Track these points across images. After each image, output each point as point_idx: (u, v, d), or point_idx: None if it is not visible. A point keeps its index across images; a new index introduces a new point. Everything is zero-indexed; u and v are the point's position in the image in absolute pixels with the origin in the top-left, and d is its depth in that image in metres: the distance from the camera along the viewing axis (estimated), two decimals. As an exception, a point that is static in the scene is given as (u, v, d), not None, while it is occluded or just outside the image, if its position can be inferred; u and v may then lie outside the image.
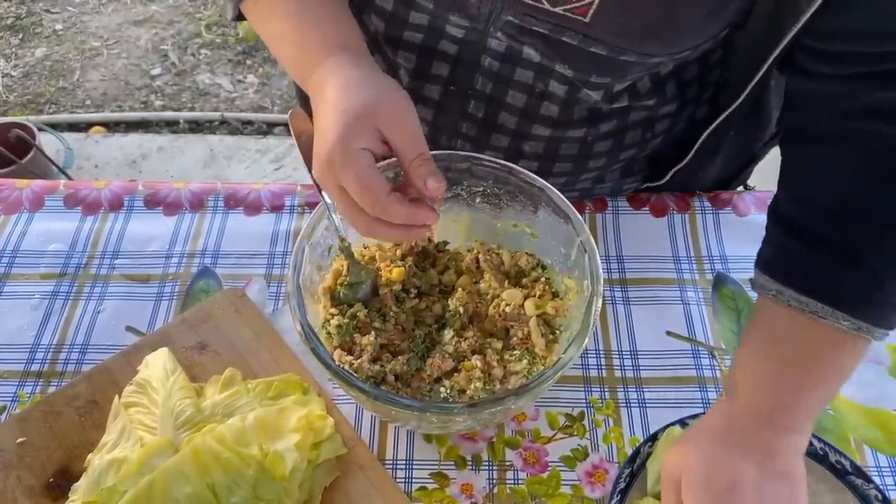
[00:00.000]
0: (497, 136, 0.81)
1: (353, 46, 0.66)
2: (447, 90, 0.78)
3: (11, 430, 0.72)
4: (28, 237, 0.90)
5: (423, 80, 0.78)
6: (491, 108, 0.78)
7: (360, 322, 0.71)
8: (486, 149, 0.82)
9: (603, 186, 0.91)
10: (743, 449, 0.59)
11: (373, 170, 0.59)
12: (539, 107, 0.77)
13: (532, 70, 0.74)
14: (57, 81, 2.67)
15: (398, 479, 0.71)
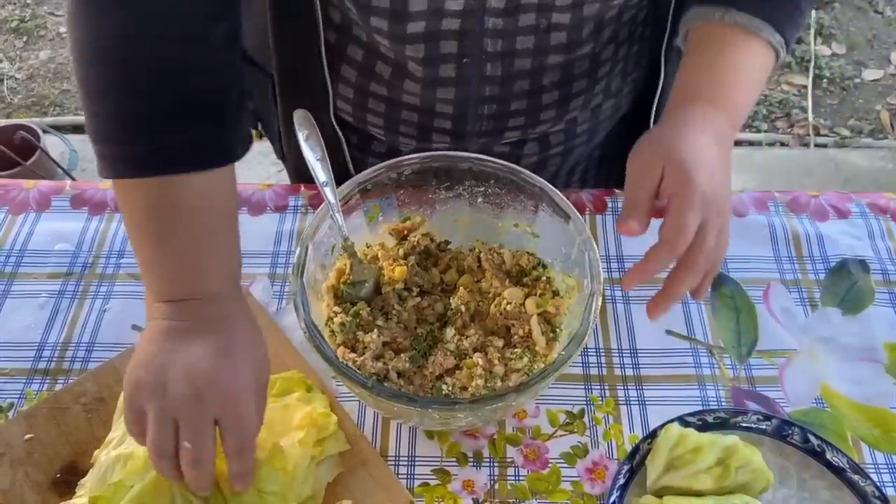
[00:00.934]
0: (519, 83, 0.82)
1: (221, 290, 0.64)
2: (460, 64, 0.79)
3: (19, 426, 0.73)
4: (35, 237, 0.91)
5: (436, 65, 0.79)
6: (506, 62, 0.79)
7: (363, 320, 0.72)
8: (511, 100, 0.83)
9: (608, 106, 0.93)
10: (713, 135, 0.67)
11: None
12: (548, 39, 0.78)
13: (533, 11, 0.74)
14: (61, 84, 2.68)
15: (400, 475, 0.72)
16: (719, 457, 0.68)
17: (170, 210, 0.62)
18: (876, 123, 2.57)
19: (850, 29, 2.87)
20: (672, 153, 0.63)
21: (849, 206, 0.95)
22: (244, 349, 0.62)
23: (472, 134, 0.87)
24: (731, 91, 0.70)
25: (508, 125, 0.86)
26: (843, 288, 0.87)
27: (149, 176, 0.61)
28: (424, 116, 0.86)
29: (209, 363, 0.59)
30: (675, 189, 0.62)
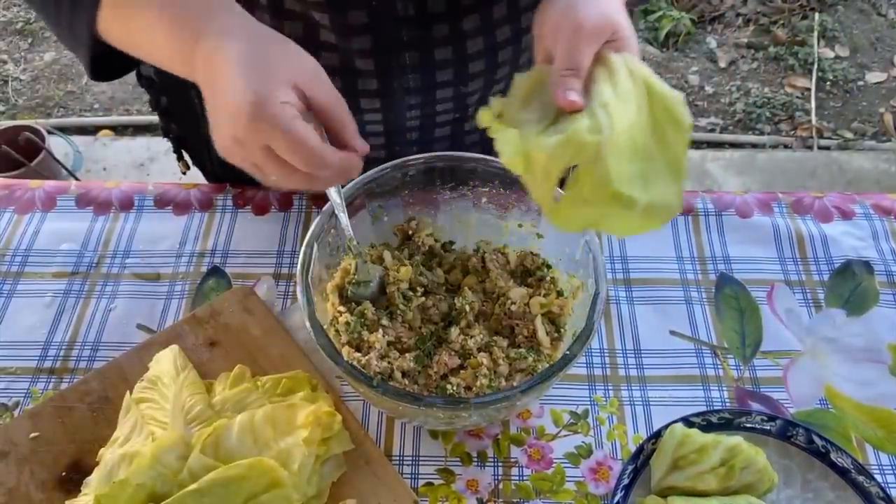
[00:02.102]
0: (438, 27, 0.79)
1: (230, 7, 0.61)
2: (371, 8, 0.75)
3: (24, 425, 0.73)
4: (41, 236, 0.92)
5: (342, 9, 0.75)
6: (418, 0, 0.76)
7: (369, 320, 0.72)
8: (434, 48, 0.80)
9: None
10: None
11: (302, 123, 0.55)
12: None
13: None
14: (65, 85, 2.69)
15: (405, 474, 0.72)
16: (723, 457, 0.68)
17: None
18: (879, 126, 2.57)
19: (854, 31, 2.87)
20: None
21: (853, 208, 0.95)
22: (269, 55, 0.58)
23: (401, 91, 0.83)
24: None
25: (437, 80, 0.82)
26: (848, 289, 0.87)
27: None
28: (347, 77, 0.81)
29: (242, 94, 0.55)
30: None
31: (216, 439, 0.66)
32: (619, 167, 0.54)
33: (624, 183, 0.54)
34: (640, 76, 0.58)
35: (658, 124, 0.57)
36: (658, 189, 0.55)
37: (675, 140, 0.56)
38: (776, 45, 2.80)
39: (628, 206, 0.54)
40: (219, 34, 0.58)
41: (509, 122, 0.59)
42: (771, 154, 2.48)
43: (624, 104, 0.56)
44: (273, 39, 0.59)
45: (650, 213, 0.55)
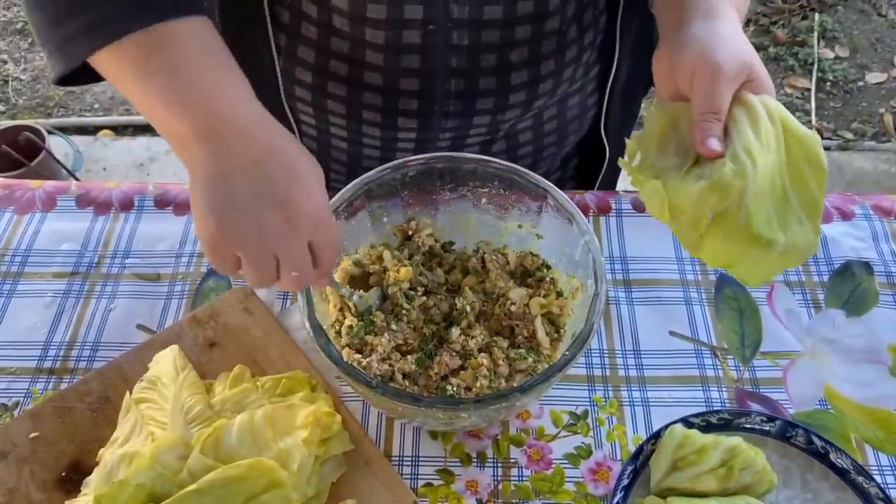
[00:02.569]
0: (487, 58, 0.80)
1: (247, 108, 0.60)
2: (425, 31, 0.76)
3: (24, 425, 0.73)
4: (41, 236, 0.92)
5: (398, 29, 0.77)
6: (473, 31, 0.78)
7: (377, 327, 0.72)
8: (479, 76, 0.82)
9: (574, 103, 0.92)
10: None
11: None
12: (515, 9, 0.77)
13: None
14: (66, 85, 2.69)
15: (404, 475, 0.72)
16: (723, 458, 0.68)
17: (166, 53, 0.57)
18: (879, 126, 2.57)
19: (854, 32, 2.87)
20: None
21: (852, 208, 0.95)
22: (303, 164, 0.60)
23: (439, 115, 0.85)
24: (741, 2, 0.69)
25: (477, 107, 0.85)
26: (847, 290, 0.87)
27: (133, 29, 0.57)
28: (389, 96, 0.83)
29: (284, 190, 0.58)
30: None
31: (216, 440, 0.66)
32: (759, 209, 0.56)
33: (763, 225, 0.56)
34: (778, 116, 0.59)
35: (795, 164, 0.58)
36: (795, 229, 0.57)
37: (812, 180, 0.58)
38: (776, 46, 2.80)
39: (768, 247, 0.56)
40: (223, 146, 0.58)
41: (649, 167, 0.61)
42: (771, 154, 2.48)
43: (765, 147, 0.58)
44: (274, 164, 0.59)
45: (788, 253, 0.57)
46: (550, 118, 0.92)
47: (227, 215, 0.58)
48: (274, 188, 0.58)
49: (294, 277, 0.60)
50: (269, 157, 0.58)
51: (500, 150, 0.92)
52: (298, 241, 0.59)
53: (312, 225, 0.59)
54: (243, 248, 0.58)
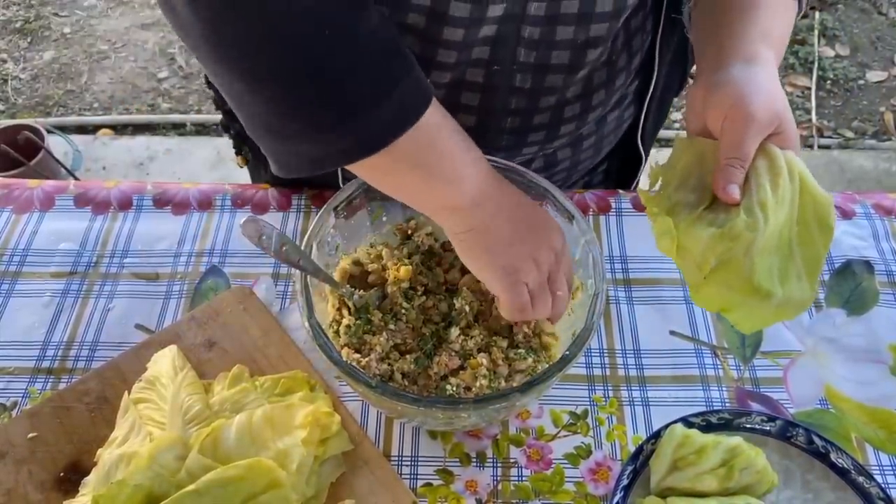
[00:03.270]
0: (546, 99, 0.81)
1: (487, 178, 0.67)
2: (490, 71, 0.76)
3: (23, 425, 0.73)
4: (39, 236, 0.91)
5: (463, 69, 0.76)
6: (537, 73, 0.77)
7: (375, 326, 0.72)
8: (535, 114, 0.82)
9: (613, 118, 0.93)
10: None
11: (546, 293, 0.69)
12: (584, 56, 0.76)
13: (572, 24, 0.72)
14: (65, 84, 2.69)
15: (403, 475, 0.72)
16: (723, 458, 0.67)
17: (428, 143, 0.63)
18: (880, 125, 2.57)
19: (854, 30, 2.87)
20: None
21: (853, 207, 0.95)
22: (537, 207, 0.70)
23: (491, 149, 0.83)
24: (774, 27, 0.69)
25: (528, 140, 0.85)
26: (848, 289, 0.87)
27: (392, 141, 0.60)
28: None
29: (542, 227, 0.68)
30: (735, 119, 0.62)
31: (214, 440, 0.66)
32: (763, 261, 0.58)
33: (764, 277, 0.58)
34: (797, 173, 0.60)
35: (805, 221, 0.60)
36: (793, 284, 0.59)
37: (819, 240, 0.60)
38: (776, 44, 2.79)
39: (765, 298, 0.58)
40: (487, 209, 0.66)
41: (666, 199, 0.63)
42: (771, 153, 2.47)
43: (780, 202, 0.59)
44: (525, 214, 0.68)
45: (784, 307, 0.59)
46: (589, 135, 0.91)
47: (507, 257, 0.66)
48: (534, 234, 0.68)
49: (560, 297, 0.69)
50: (513, 209, 0.68)
51: (538, 167, 0.91)
52: (558, 271, 0.69)
53: (562, 259, 0.69)
54: (527, 278, 0.66)
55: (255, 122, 0.63)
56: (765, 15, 0.68)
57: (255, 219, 0.70)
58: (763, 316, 0.60)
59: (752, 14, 0.68)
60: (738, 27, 0.67)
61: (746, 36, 0.66)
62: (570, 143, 0.90)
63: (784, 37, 0.71)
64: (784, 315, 0.60)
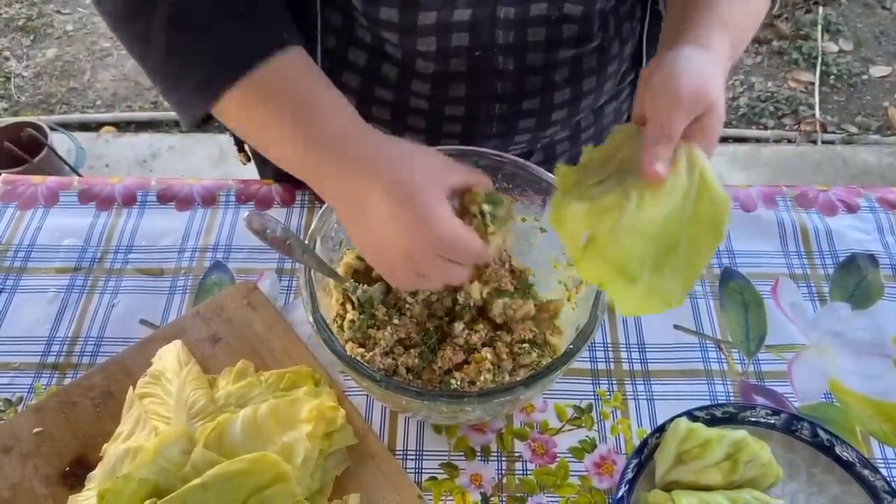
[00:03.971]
0: (532, 80, 0.81)
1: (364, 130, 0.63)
2: (472, 58, 0.77)
3: (28, 420, 0.73)
4: (43, 232, 0.91)
5: (447, 59, 0.77)
6: (518, 55, 0.78)
7: (379, 321, 0.72)
8: (523, 99, 0.82)
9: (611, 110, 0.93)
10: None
11: (464, 228, 0.60)
12: (560, 31, 0.77)
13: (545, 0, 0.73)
14: (68, 82, 2.69)
15: (408, 469, 0.72)
16: (728, 451, 0.67)
17: (284, 92, 0.61)
18: (883, 120, 2.56)
19: (858, 25, 2.86)
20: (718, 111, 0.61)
21: (858, 201, 0.94)
22: (412, 172, 0.60)
23: (482, 137, 0.86)
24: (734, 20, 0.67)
25: (519, 127, 0.85)
26: (853, 283, 0.86)
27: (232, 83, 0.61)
28: (433, 120, 0.84)
29: (400, 219, 0.58)
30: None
31: (219, 434, 0.66)
32: (634, 245, 0.57)
33: (632, 260, 0.58)
34: (699, 170, 0.59)
35: (698, 220, 0.59)
36: (666, 278, 0.58)
37: (707, 241, 0.59)
38: (780, 40, 2.79)
39: (630, 280, 0.58)
40: (357, 154, 0.60)
41: (574, 174, 0.63)
42: (775, 149, 2.47)
43: (666, 194, 0.58)
44: (410, 152, 0.61)
45: (650, 295, 0.58)
46: (587, 127, 0.92)
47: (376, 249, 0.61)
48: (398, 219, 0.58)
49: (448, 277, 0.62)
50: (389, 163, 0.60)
51: (538, 160, 0.92)
52: (440, 265, 0.60)
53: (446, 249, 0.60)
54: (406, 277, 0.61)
55: (154, 83, 0.66)
56: (727, 3, 0.67)
57: (259, 213, 0.70)
58: (632, 300, 0.59)
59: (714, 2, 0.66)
60: (695, 12, 0.66)
61: (702, 21, 0.65)
62: (570, 135, 0.90)
63: (746, 27, 0.70)
64: (650, 306, 0.58)
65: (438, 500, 0.71)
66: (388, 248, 0.60)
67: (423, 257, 0.59)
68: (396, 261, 0.60)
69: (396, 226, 0.58)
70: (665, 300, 0.58)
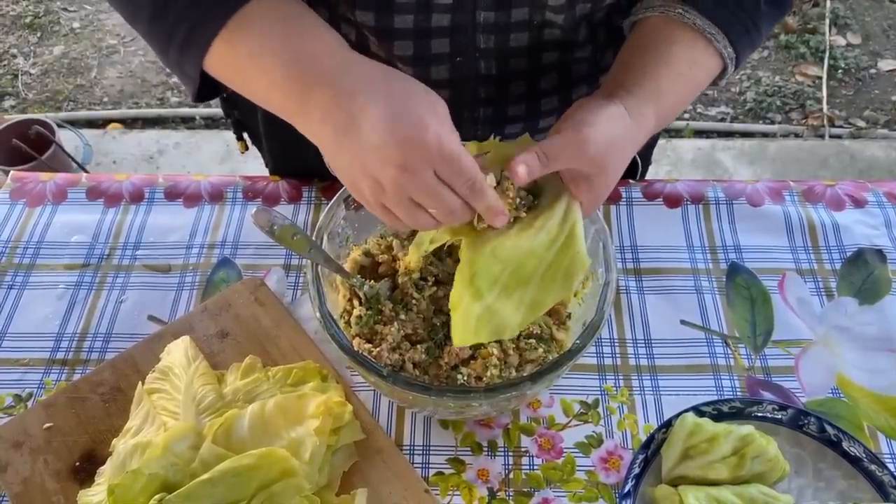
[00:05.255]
0: (517, 85, 0.80)
1: (348, 50, 0.61)
2: (453, 63, 0.77)
3: (38, 415, 0.74)
4: (52, 229, 0.92)
5: (427, 65, 0.77)
6: (500, 60, 0.78)
7: (386, 317, 0.72)
8: (508, 104, 0.82)
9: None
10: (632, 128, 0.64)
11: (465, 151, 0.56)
12: (542, 35, 0.76)
13: (525, 5, 0.72)
14: (75, 79, 2.70)
15: (415, 464, 0.73)
16: (735, 446, 0.67)
17: (252, 39, 0.59)
18: (892, 114, 2.55)
19: (866, 19, 2.84)
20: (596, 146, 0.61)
21: (865, 196, 0.94)
22: (410, 94, 0.57)
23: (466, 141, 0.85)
24: (671, 91, 0.68)
25: (505, 132, 0.84)
26: (860, 277, 0.86)
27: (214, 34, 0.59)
28: None
29: (382, 133, 0.54)
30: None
31: (227, 429, 0.67)
32: (489, 267, 0.60)
33: (483, 278, 0.60)
34: (571, 223, 0.61)
35: (555, 268, 0.61)
36: (508, 307, 0.60)
37: (553, 289, 0.61)
38: (787, 34, 2.77)
39: (475, 298, 0.60)
40: (349, 73, 0.57)
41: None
42: (782, 143, 2.46)
43: (532, 229, 0.61)
44: (403, 77, 0.58)
45: (486, 318, 0.60)
46: None
47: (346, 168, 0.58)
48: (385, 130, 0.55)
49: (436, 212, 0.57)
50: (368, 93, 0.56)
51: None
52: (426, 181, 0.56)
53: (436, 160, 0.55)
54: (375, 197, 0.58)
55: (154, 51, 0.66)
56: (673, 76, 0.67)
57: (266, 209, 0.70)
58: (467, 319, 0.60)
59: (655, 69, 0.67)
60: (639, 74, 0.66)
61: (641, 87, 0.65)
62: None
63: (684, 100, 0.71)
64: (481, 329, 0.59)
65: (445, 495, 0.71)
66: (379, 162, 0.55)
67: (416, 167, 0.54)
68: (385, 177, 0.55)
69: (393, 137, 0.54)
70: (498, 327, 0.60)
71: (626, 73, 0.67)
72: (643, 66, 0.67)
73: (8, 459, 0.71)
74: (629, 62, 0.69)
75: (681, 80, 0.68)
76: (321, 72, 0.58)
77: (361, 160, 0.56)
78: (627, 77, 0.66)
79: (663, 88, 0.66)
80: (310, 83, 0.57)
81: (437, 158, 0.55)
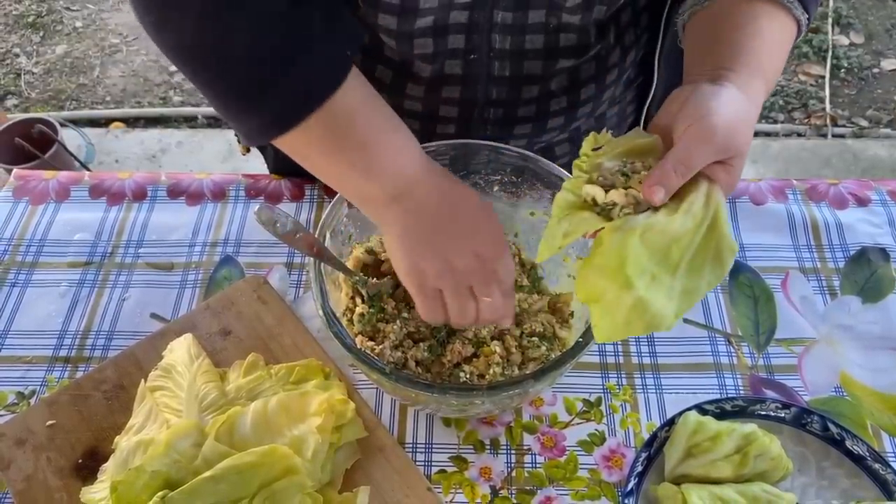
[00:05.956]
0: (528, 88, 0.81)
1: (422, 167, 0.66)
2: (467, 60, 0.77)
3: (41, 413, 0.74)
4: (55, 227, 0.92)
5: (442, 60, 0.77)
6: (515, 62, 0.78)
7: (388, 314, 0.72)
8: (518, 105, 0.82)
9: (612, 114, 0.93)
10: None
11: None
12: (558, 40, 0.77)
13: (543, 7, 0.73)
14: (77, 78, 2.70)
15: (418, 462, 0.73)
16: (738, 445, 0.67)
17: (345, 129, 0.63)
18: (895, 114, 2.54)
19: (869, 18, 2.84)
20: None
21: (868, 194, 0.94)
22: (474, 206, 0.66)
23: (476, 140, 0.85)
24: (770, 63, 0.67)
25: (514, 132, 0.85)
26: (863, 276, 0.86)
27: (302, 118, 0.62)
28: (426, 122, 0.84)
29: (469, 229, 0.65)
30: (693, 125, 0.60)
31: (230, 427, 0.67)
32: (640, 256, 0.56)
33: (634, 269, 0.55)
34: (714, 206, 0.58)
35: (703, 252, 0.57)
36: (659, 298, 0.56)
37: (707, 278, 0.57)
38: (790, 33, 2.77)
39: (625, 288, 0.55)
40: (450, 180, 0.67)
41: (590, 161, 0.62)
42: (784, 143, 2.46)
43: (679, 213, 0.57)
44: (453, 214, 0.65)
45: (637, 310, 0.55)
46: (587, 130, 0.90)
47: (423, 257, 0.64)
48: (459, 229, 0.64)
49: (488, 302, 0.65)
50: (444, 200, 0.65)
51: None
52: (487, 272, 0.64)
53: (495, 258, 0.65)
54: (441, 282, 0.64)
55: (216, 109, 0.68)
56: (766, 46, 0.67)
57: (269, 207, 0.70)
58: (616, 312, 0.56)
59: (751, 43, 0.66)
60: (736, 51, 0.66)
61: (743, 64, 0.65)
62: (569, 137, 0.90)
63: (779, 68, 0.70)
64: (634, 325, 0.56)
65: (448, 493, 0.71)
66: (461, 249, 0.63)
67: (493, 258, 0.64)
68: (461, 262, 0.63)
69: (486, 225, 0.65)
70: (654, 319, 0.56)
71: (722, 54, 0.66)
72: (738, 43, 0.66)
73: (11, 457, 0.71)
74: (719, 43, 0.67)
75: (774, 51, 0.68)
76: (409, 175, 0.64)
77: (442, 245, 0.63)
78: (726, 56, 0.65)
79: (764, 61, 0.66)
80: (387, 201, 0.64)
81: (504, 257, 0.65)
